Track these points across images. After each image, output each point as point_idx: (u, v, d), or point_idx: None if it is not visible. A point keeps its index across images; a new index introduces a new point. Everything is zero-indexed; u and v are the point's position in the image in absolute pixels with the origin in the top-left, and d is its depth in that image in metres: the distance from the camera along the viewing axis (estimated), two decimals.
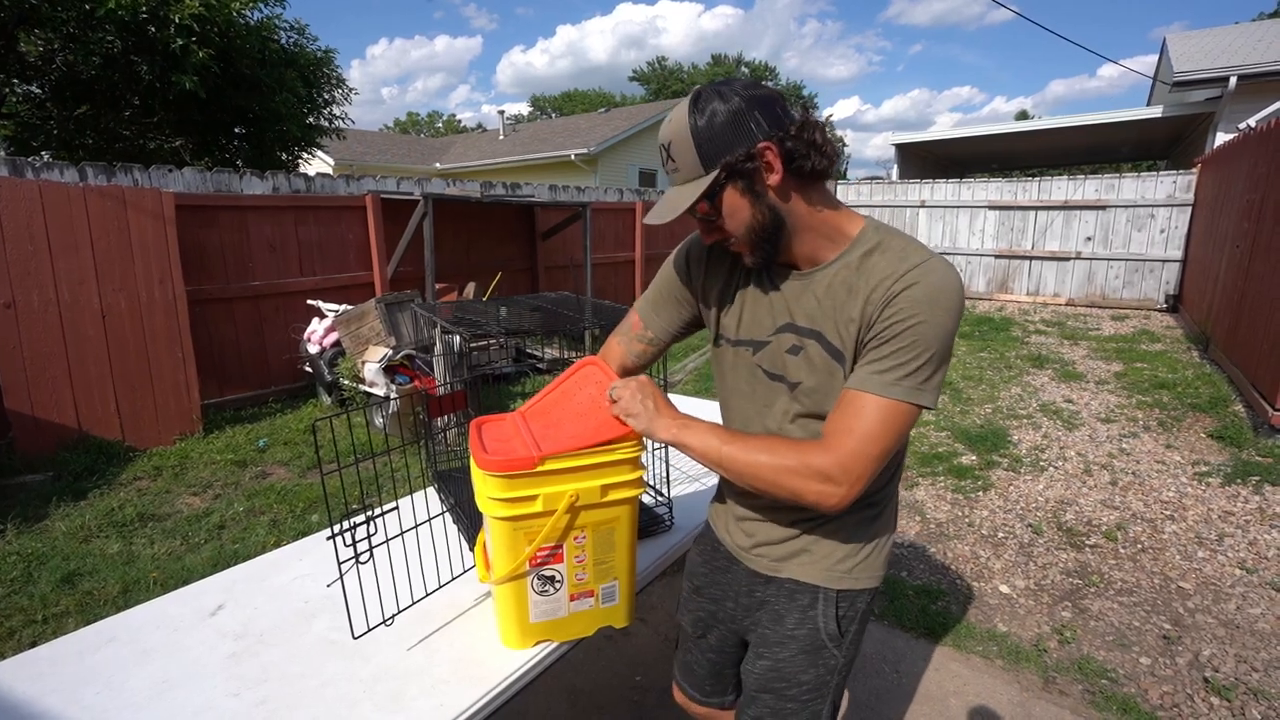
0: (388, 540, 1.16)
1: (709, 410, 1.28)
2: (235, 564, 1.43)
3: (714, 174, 0.82)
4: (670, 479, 1.56)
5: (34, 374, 3.67)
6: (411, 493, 1.61)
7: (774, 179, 0.83)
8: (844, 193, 10.61)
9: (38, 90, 7.34)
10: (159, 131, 7.67)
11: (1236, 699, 1.95)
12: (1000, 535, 3.00)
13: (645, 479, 1.60)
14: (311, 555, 1.41)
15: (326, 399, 4.77)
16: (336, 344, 4.61)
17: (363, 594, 1.14)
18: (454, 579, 1.26)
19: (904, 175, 12.98)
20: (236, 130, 8.21)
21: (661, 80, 38.13)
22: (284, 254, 5.08)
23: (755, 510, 1.03)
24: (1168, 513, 3.14)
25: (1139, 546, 2.85)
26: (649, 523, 1.46)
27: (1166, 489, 3.38)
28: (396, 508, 1.04)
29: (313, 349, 4.70)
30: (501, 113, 20.30)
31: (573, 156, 15.03)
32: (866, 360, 0.83)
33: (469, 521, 1.38)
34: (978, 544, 2.93)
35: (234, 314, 4.84)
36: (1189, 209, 8.05)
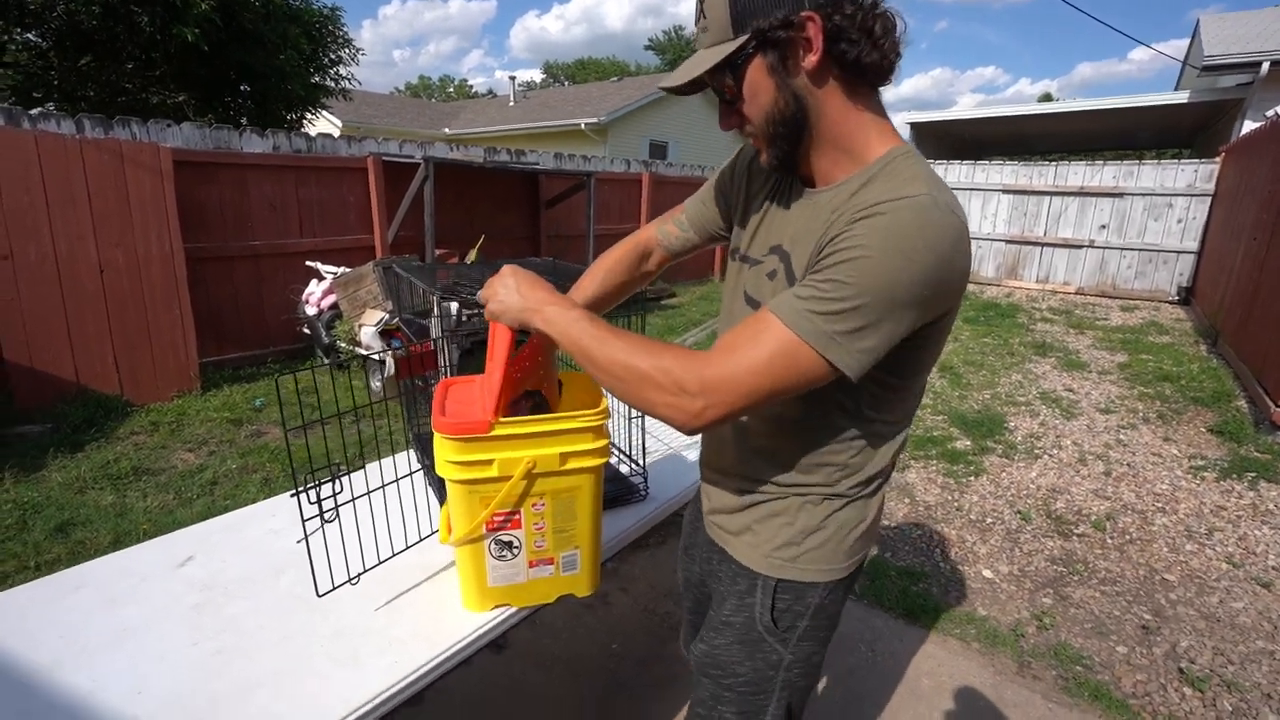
0: (354, 499, 1.15)
1: None
2: None
3: (742, 39, 0.69)
4: (647, 448, 1.55)
5: (32, 326, 3.68)
6: (394, 454, 1.61)
7: (810, 60, 0.69)
8: None
9: (38, 39, 7.25)
10: (162, 86, 7.59)
11: (1209, 690, 1.95)
12: (988, 521, 2.99)
13: (616, 443, 1.60)
14: (286, 511, 1.41)
15: (324, 361, 4.78)
16: (334, 306, 4.61)
17: (327, 553, 1.14)
18: (421, 540, 1.26)
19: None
20: (242, 88, 8.11)
21: (678, 50, 37.35)
22: (284, 214, 5.04)
23: (718, 471, 0.96)
24: (1159, 505, 3.12)
25: (1127, 537, 2.84)
26: (622, 492, 1.45)
27: (1160, 481, 3.36)
28: (363, 468, 1.04)
29: (310, 310, 4.69)
30: (513, 79, 19.95)
31: (583, 125, 14.80)
32: (796, 285, 0.71)
33: (441, 482, 1.37)
34: (965, 528, 2.93)
35: (233, 273, 4.83)
36: (1209, 199, 7.87)
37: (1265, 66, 7.73)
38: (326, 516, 1.10)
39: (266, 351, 5.06)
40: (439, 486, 1.40)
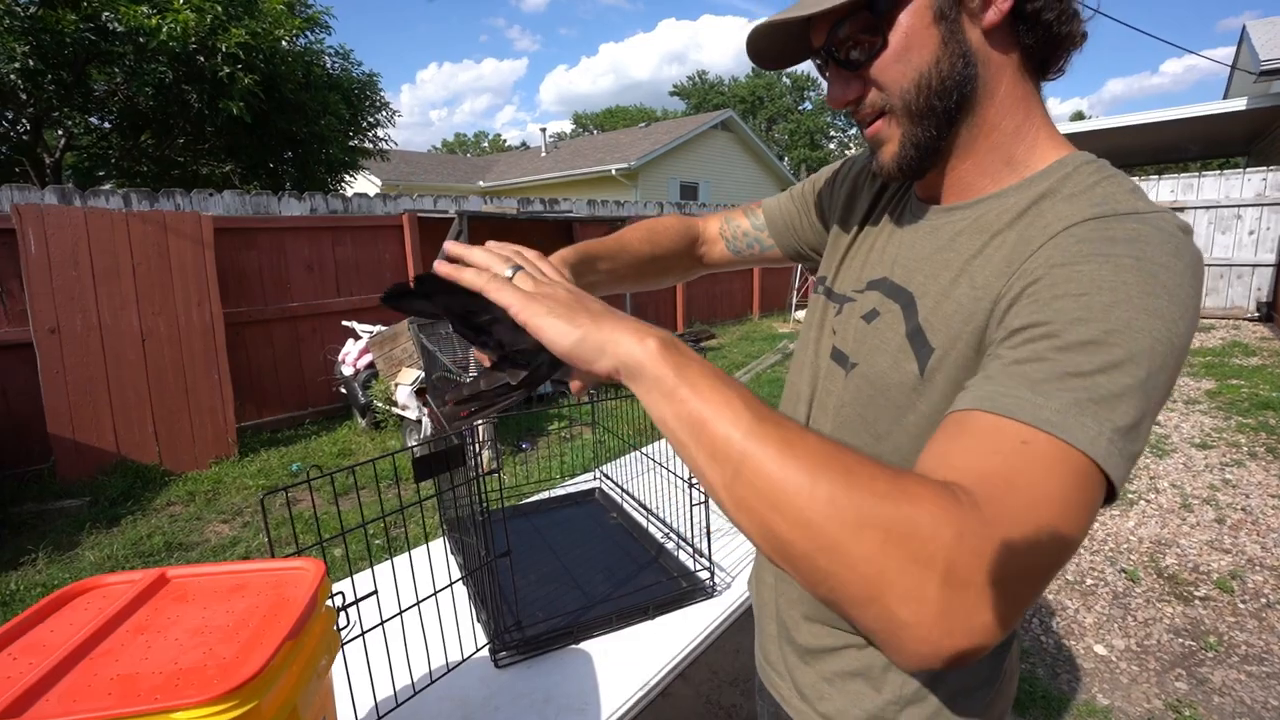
0: (383, 623, 0.96)
1: None
2: None
3: None
4: (712, 529, 1.33)
5: (75, 398, 3.69)
6: (427, 541, 1.42)
7: (993, 14, 0.51)
8: None
9: (98, 122, 7.69)
10: (211, 157, 7.93)
11: None
12: (1089, 582, 2.63)
13: (676, 529, 1.38)
14: None
15: (361, 421, 4.71)
16: (371, 365, 4.55)
17: (349, 681, 0.94)
18: (451, 668, 1.05)
19: None
20: (285, 154, 8.43)
21: (702, 94, 38.13)
22: (321, 274, 5.07)
23: (778, 593, 0.73)
24: None
25: (1263, 601, 2.45)
26: (685, 591, 1.23)
27: None
28: (374, 593, 0.84)
29: (347, 370, 4.64)
30: (544, 130, 20.53)
31: (613, 171, 14.99)
32: (1010, 356, 0.44)
33: (490, 581, 1.15)
34: (1063, 591, 2.58)
35: (271, 335, 4.84)
36: None
37: None
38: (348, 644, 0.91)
39: (304, 413, 5.02)
40: (478, 590, 1.20)
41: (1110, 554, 2.83)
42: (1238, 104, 9.25)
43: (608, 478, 1.70)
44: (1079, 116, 35.40)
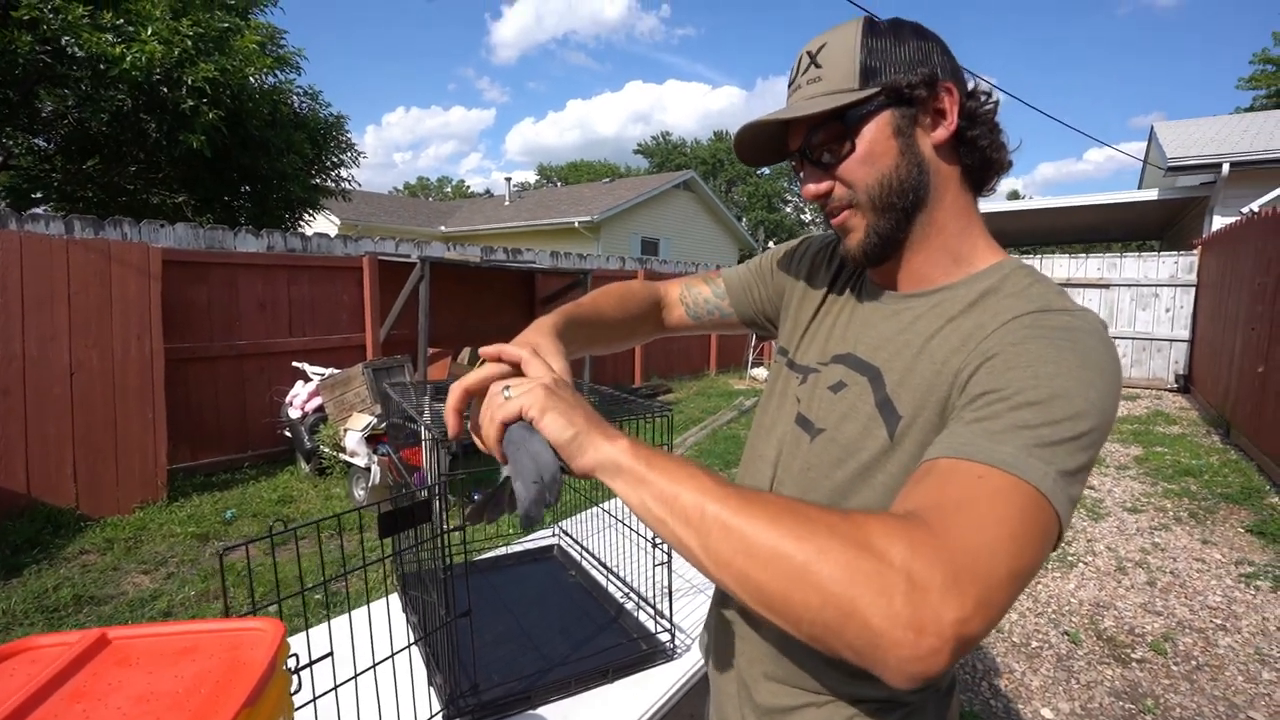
0: (335, 688, 0.90)
1: None
2: None
3: (870, 91, 0.60)
4: (673, 590, 1.31)
5: None
6: (385, 595, 1.35)
7: (941, 133, 0.62)
8: None
9: (43, 144, 7.41)
10: (163, 187, 7.71)
11: None
12: (1034, 644, 2.69)
13: (636, 588, 1.35)
14: None
15: (305, 466, 4.50)
16: (320, 409, 4.39)
17: None
18: None
19: None
20: (243, 189, 8.27)
21: (665, 154, 39.55)
22: (274, 313, 4.92)
23: (729, 665, 0.75)
24: (1218, 621, 2.84)
25: (1193, 663, 2.54)
26: (643, 655, 1.20)
27: (1212, 592, 3.08)
28: (330, 655, 0.79)
29: (294, 413, 4.46)
30: (508, 179, 20.82)
31: (576, 224, 15.25)
32: (970, 415, 0.51)
33: (448, 642, 1.11)
34: (1010, 654, 2.62)
35: (216, 373, 4.63)
36: (1193, 289, 8.03)
37: (1226, 167, 8.17)
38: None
39: (244, 456, 4.77)
40: (433, 651, 1.14)
41: (1053, 616, 2.90)
42: (1150, 194, 10.18)
43: (567, 534, 1.67)
44: (1015, 196, 38.14)
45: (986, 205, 12.73)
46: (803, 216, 37.24)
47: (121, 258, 3.88)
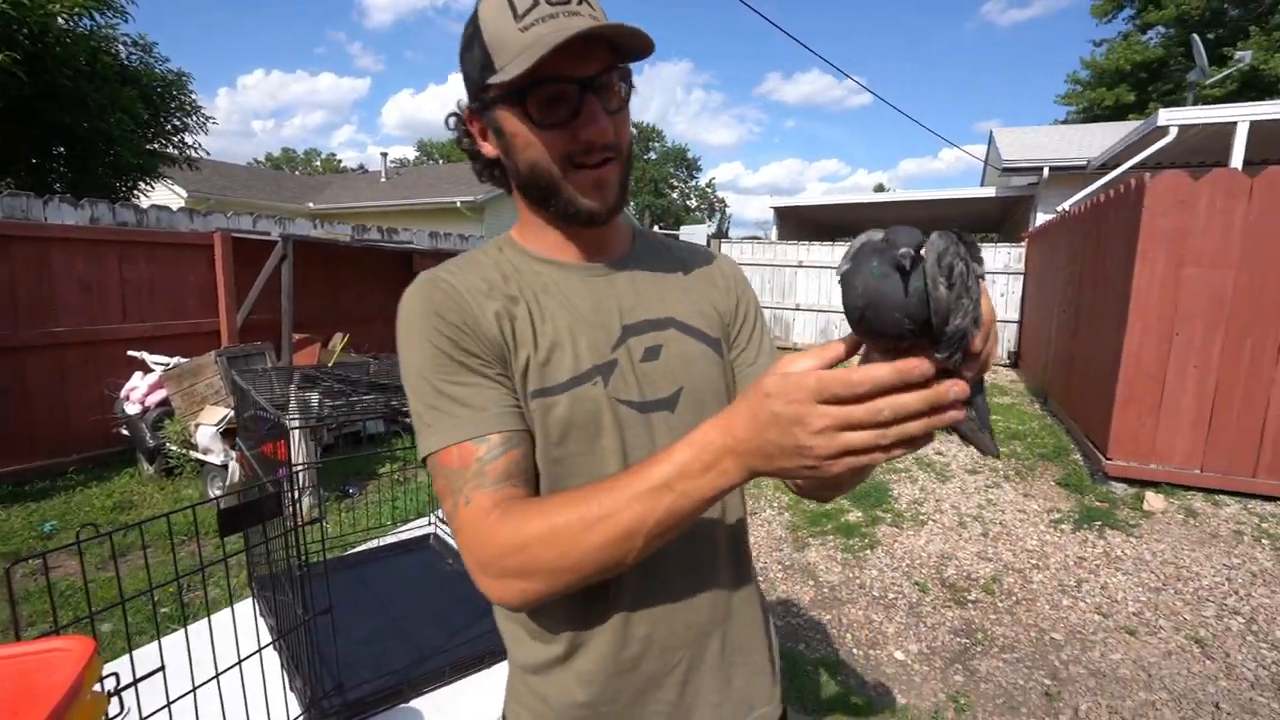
0: (170, 704, 0.82)
1: None
2: None
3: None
4: None
5: None
6: (232, 604, 1.24)
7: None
8: (726, 251, 11.08)
9: None
10: None
11: None
12: (891, 596, 2.99)
13: None
14: None
15: (148, 467, 4.02)
16: (164, 403, 3.93)
17: None
18: None
19: (782, 236, 13.86)
20: (56, 150, 7.12)
21: None
22: (101, 296, 4.32)
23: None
24: (1033, 561, 3.30)
25: (1014, 599, 2.94)
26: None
27: (1029, 538, 3.57)
28: (161, 669, 0.72)
29: (132, 409, 3.96)
30: (384, 155, 19.54)
31: (459, 204, 14.64)
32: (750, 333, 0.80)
33: (306, 642, 1.03)
34: (870, 607, 2.90)
35: (24, 366, 4.00)
36: (1021, 276, 9.15)
37: (1045, 170, 9.37)
38: None
39: (68, 460, 4.18)
40: (290, 657, 1.07)
41: (907, 569, 3.23)
42: (989, 191, 11.45)
43: (443, 522, 1.62)
44: (880, 188, 41.36)
45: (855, 196, 13.80)
46: (689, 202, 38.08)
47: None
